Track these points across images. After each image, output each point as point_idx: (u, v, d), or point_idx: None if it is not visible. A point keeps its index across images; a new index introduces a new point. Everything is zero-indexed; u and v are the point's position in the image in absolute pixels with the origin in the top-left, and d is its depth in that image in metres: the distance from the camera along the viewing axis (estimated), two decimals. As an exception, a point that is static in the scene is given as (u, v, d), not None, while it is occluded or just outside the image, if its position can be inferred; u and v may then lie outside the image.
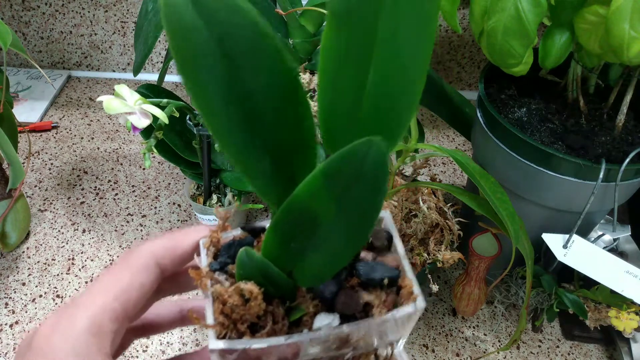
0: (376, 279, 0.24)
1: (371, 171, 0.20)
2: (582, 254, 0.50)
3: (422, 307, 0.23)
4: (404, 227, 0.52)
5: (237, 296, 0.23)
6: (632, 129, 0.52)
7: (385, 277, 0.24)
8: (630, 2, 0.39)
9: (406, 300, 0.24)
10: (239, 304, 0.23)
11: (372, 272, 0.24)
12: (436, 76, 0.68)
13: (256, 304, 0.23)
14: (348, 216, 0.21)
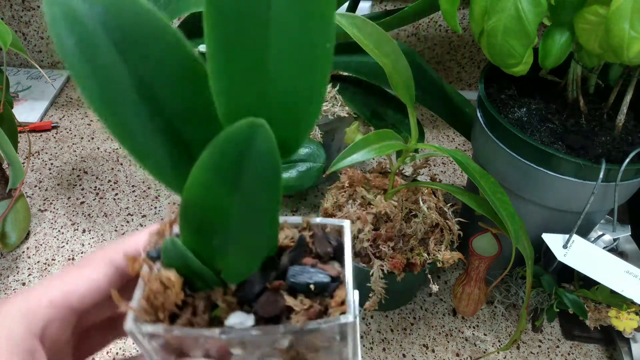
0: (302, 283, 0.23)
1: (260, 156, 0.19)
2: (582, 254, 0.50)
3: (350, 322, 0.22)
4: (404, 227, 0.52)
5: (159, 283, 0.23)
6: (632, 129, 0.52)
7: (312, 283, 0.23)
8: (630, 2, 0.39)
9: (334, 312, 0.23)
10: (160, 291, 0.22)
11: (299, 275, 0.23)
12: (436, 76, 0.68)
13: (173, 293, 0.22)
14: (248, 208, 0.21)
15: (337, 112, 0.63)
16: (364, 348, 0.59)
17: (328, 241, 0.25)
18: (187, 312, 0.23)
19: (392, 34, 0.52)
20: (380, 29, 0.43)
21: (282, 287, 0.23)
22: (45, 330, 0.23)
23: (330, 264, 0.25)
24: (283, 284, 0.23)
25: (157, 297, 0.23)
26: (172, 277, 0.23)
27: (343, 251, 0.25)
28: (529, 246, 0.47)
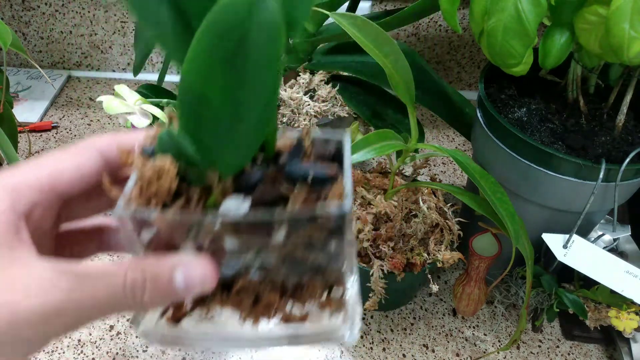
0: (299, 172, 0.23)
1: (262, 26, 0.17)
2: (582, 254, 0.50)
3: (348, 209, 0.22)
4: (404, 227, 0.52)
5: (152, 171, 0.22)
6: (632, 129, 0.52)
7: (310, 174, 0.23)
8: (630, 2, 0.39)
9: (332, 201, 0.22)
10: (153, 179, 0.22)
11: (297, 167, 0.23)
12: (436, 76, 0.68)
13: (167, 179, 0.22)
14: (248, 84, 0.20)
15: (337, 112, 0.63)
16: (364, 348, 0.59)
17: (327, 146, 0.25)
18: (180, 201, 0.22)
19: (392, 34, 0.52)
20: (380, 29, 0.43)
21: (279, 177, 0.23)
22: (29, 213, 0.23)
23: (328, 165, 0.24)
24: (281, 175, 0.23)
25: (150, 186, 0.22)
26: (166, 163, 0.22)
27: (342, 154, 0.25)
28: (529, 246, 0.47)
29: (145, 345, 0.59)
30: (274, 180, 0.23)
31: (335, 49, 0.70)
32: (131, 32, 0.94)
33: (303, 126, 0.60)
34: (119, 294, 0.22)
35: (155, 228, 0.23)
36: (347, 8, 0.65)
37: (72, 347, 0.58)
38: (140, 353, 0.58)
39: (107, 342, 0.58)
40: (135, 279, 0.22)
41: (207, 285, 0.23)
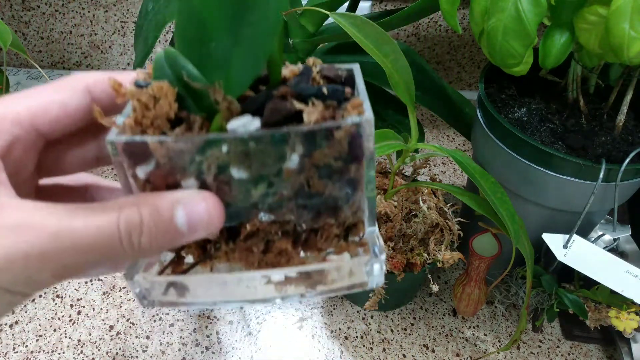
0: (311, 90, 0.20)
1: None
2: (582, 254, 0.50)
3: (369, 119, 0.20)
4: (404, 227, 0.52)
5: (148, 95, 0.20)
6: (632, 129, 0.52)
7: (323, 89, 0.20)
8: (630, 2, 0.39)
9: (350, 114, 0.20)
10: (149, 105, 0.20)
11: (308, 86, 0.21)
12: (436, 76, 0.68)
13: (165, 103, 0.20)
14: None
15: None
16: (364, 348, 0.59)
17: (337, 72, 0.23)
18: (181, 128, 0.20)
19: (392, 34, 0.52)
20: (380, 29, 0.43)
21: (290, 94, 0.21)
22: (7, 151, 0.21)
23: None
24: (291, 91, 0.21)
25: (146, 113, 0.20)
26: (164, 85, 0.20)
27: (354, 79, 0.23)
28: (529, 246, 0.47)
29: (145, 345, 0.59)
30: (284, 97, 0.21)
31: (335, 49, 0.70)
32: (131, 32, 0.94)
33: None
34: (112, 236, 0.19)
35: (152, 161, 0.20)
36: (347, 8, 0.65)
37: (71, 347, 0.58)
38: (140, 353, 0.58)
39: (107, 342, 0.58)
40: (130, 217, 0.19)
41: (214, 225, 0.20)
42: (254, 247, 0.22)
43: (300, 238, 0.23)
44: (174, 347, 0.58)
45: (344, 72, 0.23)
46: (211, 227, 0.20)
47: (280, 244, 0.22)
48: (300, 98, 0.21)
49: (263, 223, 0.22)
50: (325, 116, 0.20)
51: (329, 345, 0.59)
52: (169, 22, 0.57)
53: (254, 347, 0.59)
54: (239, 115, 0.20)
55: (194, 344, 0.59)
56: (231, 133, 0.20)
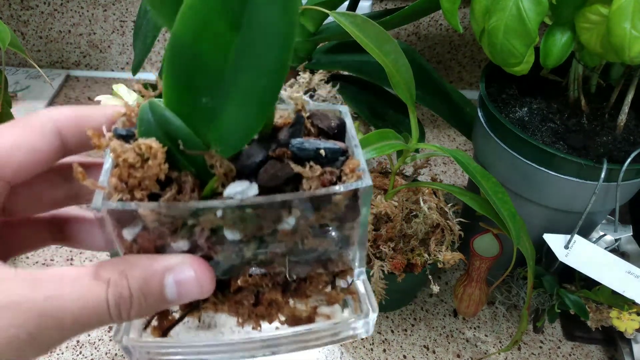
0: (310, 149, 0.20)
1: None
2: (584, 255, 0.50)
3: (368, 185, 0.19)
4: (405, 228, 0.52)
5: (134, 154, 0.18)
6: (633, 128, 0.52)
7: (322, 148, 0.20)
8: (631, 1, 0.38)
9: (349, 179, 0.20)
10: (136, 164, 0.18)
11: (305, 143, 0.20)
12: (437, 75, 0.67)
13: (155, 164, 0.18)
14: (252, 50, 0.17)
15: (337, 112, 0.62)
16: (364, 349, 0.58)
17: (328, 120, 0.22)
18: (171, 190, 0.19)
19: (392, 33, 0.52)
20: (380, 28, 0.43)
21: (286, 156, 0.20)
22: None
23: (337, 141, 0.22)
24: (288, 152, 0.20)
25: (132, 172, 0.19)
26: (153, 144, 0.18)
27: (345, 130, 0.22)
28: (530, 246, 0.47)
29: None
30: (280, 159, 0.20)
31: (335, 48, 0.70)
32: (130, 31, 0.94)
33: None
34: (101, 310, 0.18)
35: (140, 224, 0.19)
36: (348, 7, 0.64)
37: (70, 348, 0.58)
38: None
39: (106, 343, 0.58)
40: (119, 291, 0.18)
41: (204, 293, 0.20)
42: (244, 300, 0.22)
43: (290, 287, 0.23)
44: (173, 347, 0.58)
45: (335, 120, 0.22)
46: (201, 295, 0.20)
47: (270, 295, 0.22)
48: (298, 160, 0.20)
49: (254, 277, 0.22)
50: (324, 182, 0.19)
51: (329, 346, 0.59)
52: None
53: (254, 347, 0.58)
54: (234, 180, 0.19)
55: (193, 344, 0.59)
56: (229, 201, 0.19)
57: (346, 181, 0.20)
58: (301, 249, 0.21)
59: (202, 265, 0.20)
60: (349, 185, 0.20)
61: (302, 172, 0.19)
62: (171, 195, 0.19)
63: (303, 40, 0.63)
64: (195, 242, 0.20)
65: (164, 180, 0.19)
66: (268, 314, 0.23)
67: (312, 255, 0.22)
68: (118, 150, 0.19)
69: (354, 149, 0.21)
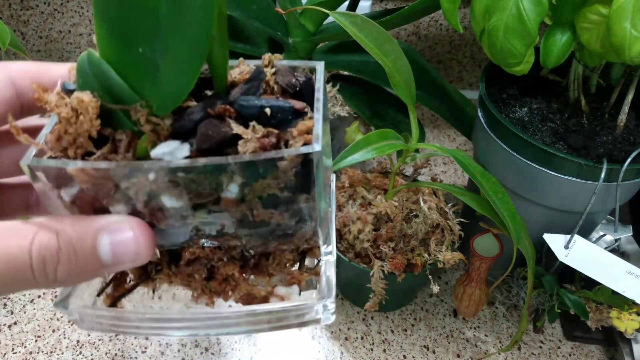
0: (254, 106, 0.18)
1: None
2: (584, 255, 0.50)
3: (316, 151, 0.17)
4: (405, 228, 0.52)
5: (69, 109, 0.17)
6: (633, 128, 0.52)
7: (268, 107, 0.18)
8: (631, 1, 0.38)
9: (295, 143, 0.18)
10: (71, 120, 0.17)
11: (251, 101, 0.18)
12: (437, 75, 0.67)
13: (87, 119, 0.17)
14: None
15: (337, 112, 0.62)
16: (364, 349, 0.58)
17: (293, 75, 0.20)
18: (104, 149, 0.18)
19: (392, 33, 0.52)
20: (380, 28, 0.43)
21: (228, 114, 0.18)
22: None
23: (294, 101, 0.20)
24: (230, 109, 0.18)
25: (67, 130, 0.18)
26: (85, 97, 0.17)
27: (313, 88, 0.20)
28: (530, 246, 0.47)
29: (144, 346, 0.58)
30: (221, 118, 0.18)
31: (335, 48, 0.70)
32: (130, 31, 0.94)
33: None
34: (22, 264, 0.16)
35: (77, 185, 0.18)
36: (348, 7, 0.64)
37: (70, 348, 0.58)
38: (139, 354, 0.57)
39: (106, 343, 0.58)
40: (45, 243, 0.16)
41: (142, 257, 0.18)
42: (196, 274, 0.21)
43: (249, 263, 0.21)
44: (173, 347, 0.58)
45: (302, 78, 0.20)
46: (139, 259, 0.18)
47: (226, 269, 0.21)
48: (241, 118, 0.18)
49: (205, 250, 0.20)
50: (264, 145, 0.17)
51: (329, 346, 0.59)
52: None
53: (254, 347, 0.58)
54: (167, 139, 0.18)
55: (193, 344, 0.59)
56: (151, 163, 0.17)
57: (292, 145, 0.18)
58: (252, 221, 0.19)
59: (142, 227, 0.18)
60: (292, 151, 0.17)
61: (241, 133, 0.17)
62: (101, 155, 0.18)
63: (303, 40, 0.63)
64: (134, 206, 0.19)
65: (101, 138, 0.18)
66: (222, 290, 0.21)
67: (265, 228, 0.20)
68: (53, 103, 0.18)
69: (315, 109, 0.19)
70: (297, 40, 0.64)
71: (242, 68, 0.21)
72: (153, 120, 0.18)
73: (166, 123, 0.18)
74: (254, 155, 0.17)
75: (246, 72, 0.20)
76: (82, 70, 0.17)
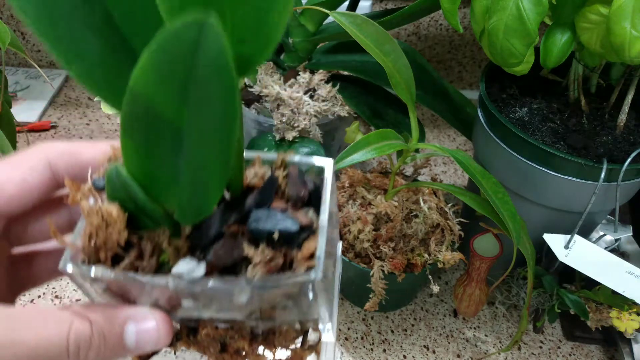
0: (264, 230, 0.19)
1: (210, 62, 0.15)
2: (584, 255, 0.50)
3: (317, 279, 0.19)
4: (405, 228, 0.52)
5: (100, 218, 0.19)
6: (633, 128, 0.52)
7: (276, 230, 0.19)
8: (631, 1, 0.38)
9: (299, 267, 0.19)
10: (101, 227, 0.19)
11: (263, 221, 0.20)
12: (437, 75, 0.67)
13: (115, 230, 0.19)
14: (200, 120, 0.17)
15: (337, 112, 0.62)
16: (364, 349, 0.58)
17: (303, 183, 0.22)
18: (132, 254, 0.20)
19: (392, 33, 0.52)
20: (380, 28, 0.43)
21: (241, 233, 0.20)
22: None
23: (303, 210, 0.21)
24: (243, 229, 0.20)
25: (98, 234, 0.20)
26: (113, 212, 0.19)
27: (320, 196, 0.22)
28: (531, 246, 0.47)
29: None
30: (235, 236, 0.20)
31: (335, 48, 0.70)
32: (130, 31, 0.94)
33: (303, 126, 0.60)
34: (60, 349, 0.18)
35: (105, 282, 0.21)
36: (348, 7, 0.64)
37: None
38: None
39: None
40: (80, 331, 0.19)
41: (162, 343, 0.21)
42: (210, 347, 0.23)
43: (258, 338, 0.23)
44: (173, 347, 0.58)
45: (311, 185, 0.22)
46: (159, 345, 0.21)
47: (237, 344, 0.23)
48: (253, 239, 0.20)
49: (218, 330, 0.23)
50: (271, 269, 0.19)
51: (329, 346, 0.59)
52: (168, 21, 0.57)
53: (254, 347, 0.58)
54: (186, 254, 0.20)
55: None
56: (172, 280, 0.19)
57: (296, 269, 0.19)
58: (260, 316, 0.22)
59: (163, 318, 0.21)
60: (294, 277, 0.19)
61: (251, 256, 0.19)
62: (129, 263, 0.20)
63: (303, 40, 0.63)
64: (157, 302, 0.21)
65: (129, 241, 0.20)
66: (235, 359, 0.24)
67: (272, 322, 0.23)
68: (86, 210, 0.20)
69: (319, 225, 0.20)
70: (297, 40, 0.64)
71: (257, 170, 0.22)
72: (174, 243, 0.20)
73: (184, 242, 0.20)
74: (261, 279, 0.19)
75: (260, 175, 0.22)
76: (111, 181, 0.19)
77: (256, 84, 0.63)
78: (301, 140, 0.61)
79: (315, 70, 0.64)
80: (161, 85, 0.16)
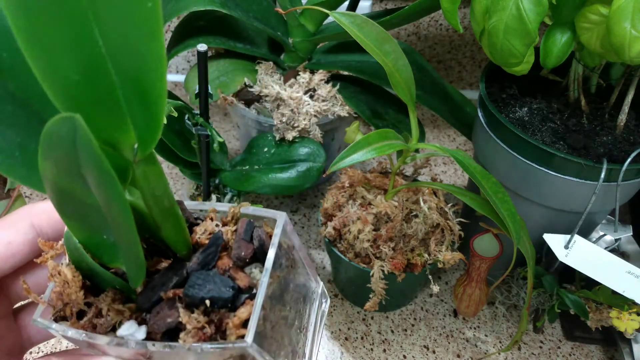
0: (196, 297, 0.20)
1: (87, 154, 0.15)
2: (584, 255, 0.50)
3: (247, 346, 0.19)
4: (405, 228, 0.52)
5: (61, 279, 0.21)
6: (633, 128, 0.52)
7: (207, 298, 0.20)
8: (631, 1, 0.38)
9: (230, 335, 0.20)
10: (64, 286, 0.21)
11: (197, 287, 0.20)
12: (437, 75, 0.67)
13: (72, 291, 0.21)
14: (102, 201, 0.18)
15: (337, 112, 0.62)
16: (364, 349, 0.58)
17: (250, 239, 0.22)
18: (90, 312, 0.21)
19: (392, 33, 0.52)
20: (380, 28, 0.43)
21: (178, 298, 0.21)
22: None
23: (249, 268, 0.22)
24: (180, 294, 0.21)
25: (64, 292, 0.21)
26: (68, 274, 0.21)
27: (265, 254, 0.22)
28: (530, 246, 0.47)
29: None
30: (173, 300, 0.21)
31: (335, 48, 0.70)
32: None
33: (303, 126, 0.60)
34: None
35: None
36: (348, 7, 0.65)
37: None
38: (139, 354, 0.57)
39: (106, 342, 0.58)
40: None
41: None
42: None
43: None
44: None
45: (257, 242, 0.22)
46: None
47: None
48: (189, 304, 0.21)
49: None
50: (201, 337, 0.20)
51: (329, 346, 0.59)
52: (167, 21, 0.57)
53: (254, 347, 0.58)
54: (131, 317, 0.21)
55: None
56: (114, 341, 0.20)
57: (229, 337, 0.20)
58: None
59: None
60: (223, 345, 0.20)
61: (185, 322, 0.20)
62: (88, 321, 0.21)
63: (303, 40, 0.63)
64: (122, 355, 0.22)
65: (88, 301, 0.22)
66: None
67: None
68: (50, 271, 0.21)
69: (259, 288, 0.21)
70: (297, 40, 0.64)
71: (207, 226, 0.23)
72: (115, 308, 0.21)
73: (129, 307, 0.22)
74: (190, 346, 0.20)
75: (210, 231, 0.23)
76: (67, 244, 0.21)
77: (256, 84, 0.63)
78: (301, 140, 0.61)
79: (315, 70, 0.64)
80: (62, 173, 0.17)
